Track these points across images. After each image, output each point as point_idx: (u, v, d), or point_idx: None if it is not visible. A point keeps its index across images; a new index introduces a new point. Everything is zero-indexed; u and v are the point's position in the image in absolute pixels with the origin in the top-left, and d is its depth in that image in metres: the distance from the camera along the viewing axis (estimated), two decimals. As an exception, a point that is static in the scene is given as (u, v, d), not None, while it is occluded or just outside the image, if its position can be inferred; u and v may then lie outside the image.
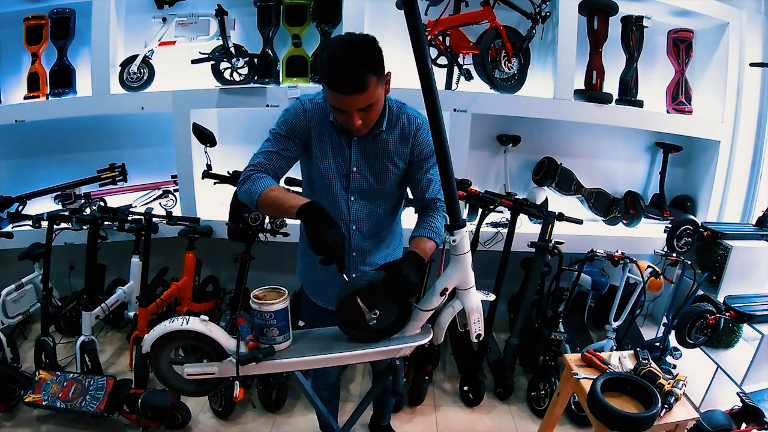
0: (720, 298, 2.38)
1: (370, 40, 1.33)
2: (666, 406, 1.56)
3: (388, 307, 1.37)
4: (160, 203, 3.05)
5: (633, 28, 2.72)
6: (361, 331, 1.38)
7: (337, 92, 1.30)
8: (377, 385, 1.62)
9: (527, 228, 2.78)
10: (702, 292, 2.49)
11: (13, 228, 2.77)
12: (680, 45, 2.84)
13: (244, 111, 2.93)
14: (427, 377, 2.51)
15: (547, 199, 2.82)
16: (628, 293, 2.41)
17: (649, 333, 2.92)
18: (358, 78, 1.28)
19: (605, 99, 2.69)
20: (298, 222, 1.47)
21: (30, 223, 2.61)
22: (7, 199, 2.77)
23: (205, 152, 2.50)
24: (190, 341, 1.35)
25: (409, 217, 1.68)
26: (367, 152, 1.51)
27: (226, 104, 2.71)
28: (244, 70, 2.72)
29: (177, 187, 2.97)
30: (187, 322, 1.31)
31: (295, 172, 2.74)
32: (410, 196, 1.65)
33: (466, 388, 2.52)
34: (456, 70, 2.64)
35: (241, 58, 2.70)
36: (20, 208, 2.81)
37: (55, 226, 2.50)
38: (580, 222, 2.55)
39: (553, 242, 2.42)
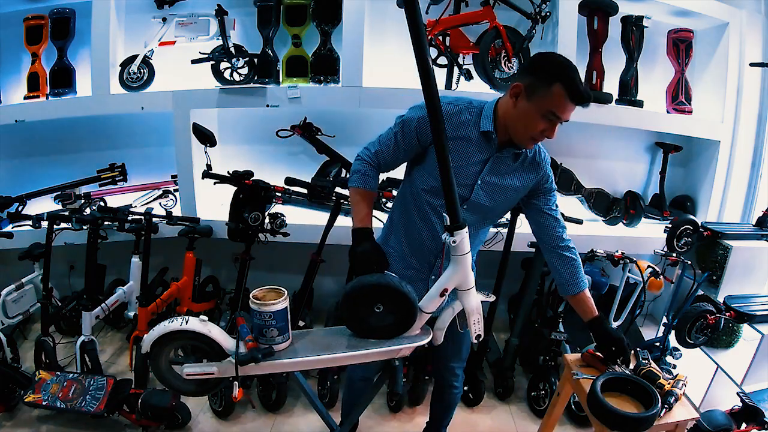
0: (720, 298, 2.38)
1: None
2: (666, 406, 1.55)
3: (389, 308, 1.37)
4: (160, 203, 3.04)
5: (633, 28, 2.72)
6: (365, 327, 1.38)
7: (574, 100, 1.34)
8: (377, 385, 1.62)
9: (527, 228, 2.75)
10: (702, 292, 2.48)
11: (13, 228, 2.77)
12: (680, 45, 2.84)
13: (244, 111, 2.93)
14: (427, 377, 2.51)
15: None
16: (628, 293, 2.40)
17: (649, 333, 2.91)
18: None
19: (605, 99, 2.68)
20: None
21: (30, 223, 2.61)
22: (7, 199, 2.77)
23: (205, 152, 2.50)
24: (190, 341, 1.36)
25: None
26: (499, 170, 1.50)
27: (226, 104, 2.71)
28: (244, 70, 2.72)
29: (177, 187, 2.97)
30: (187, 323, 1.31)
31: (294, 172, 2.76)
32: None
33: (466, 388, 2.52)
34: (456, 70, 2.64)
35: (241, 58, 2.70)
36: (20, 208, 2.81)
37: (55, 226, 2.49)
38: (580, 222, 2.55)
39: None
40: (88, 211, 2.90)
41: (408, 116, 1.49)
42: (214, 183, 2.53)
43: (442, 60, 2.66)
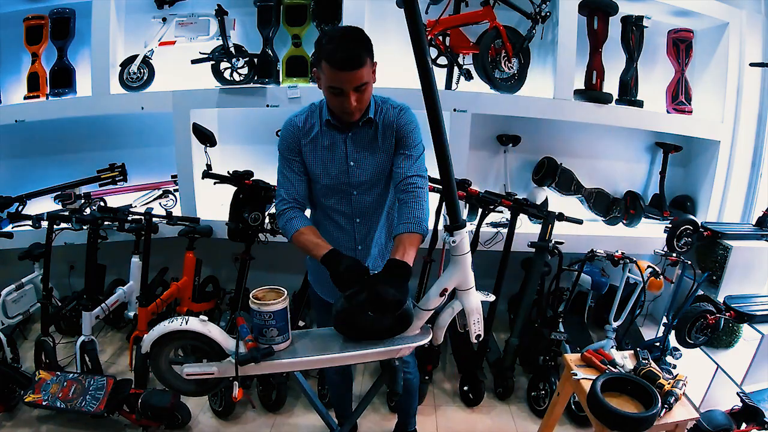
0: (720, 298, 2.38)
1: (360, 29, 1.40)
2: (666, 406, 1.56)
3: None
4: (160, 203, 3.04)
5: (633, 28, 2.72)
6: (364, 332, 1.38)
7: (338, 68, 1.34)
8: (377, 385, 1.62)
9: (527, 228, 2.78)
10: (702, 292, 2.48)
11: (13, 228, 2.77)
12: (680, 45, 2.84)
13: (244, 111, 2.93)
14: (427, 377, 2.51)
15: (547, 199, 2.82)
16: (628, 293, 2.40)
17: (649, 333, 2.91)
18: (356, 54, 1.34)
19: (605, 99, 2.69)
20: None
21: (30, 223, 2.60)
22: (7, 199, 2.77)
23: (205, 152, 2.50)
24: (190, 341, 1.35)
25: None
26: (361, 144, 1.54)
27: (226, 104, 2.71)
28: (244, 70, 2.72)
29: (177, 187, 2.97)
30: (187, 322, 1.31)
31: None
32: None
33: (466, 388, 2.52)
34: (456, 70, 2.64)
35: (241, 58, 2.70)
36: (20, 208, 2.81)
37: (55, 226, 2.49)
38: (580, 222, 2.55)
39: (553, 242, 2.42)
40: (88, 211, 2.90)
41: (279, 144, 1.62)
42: (214, 183, 2.53)
43: (442, 60, 2.66)
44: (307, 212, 1.66)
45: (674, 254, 2.41)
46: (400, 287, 1.29)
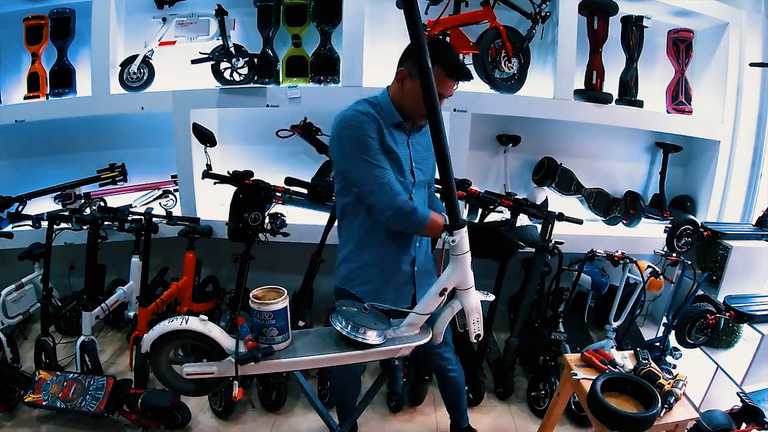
0: (720, 298, 2.37)
1: None
2: (666, 406, 1.56)
3: None
4: (160, 203, 3.04)
5: (633, 28, 2.72)
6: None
7: (452, 77, 1.51)
8: (377, 385, 1.62)
9: (527, 228, 2.78)
10: (702, 292, 2.48)
11: (13, 228, 2.77)
12: (680, 45, 2.84)
13: (244, 111, 2.93)
14: (427, 377, 2.51)
15: (547, 199, 2.82)
16: (628, 293, 2.40)
17: (649, 333, 2.91)
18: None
19: (605, 99, 2.68)
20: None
21: (30, 223, 2.60)
22: (7, 199, 2.77)
23: (205, 152, 2.50)
24: (190, 341, 1.36)
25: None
26: (419, 147, 1.66)
27: (226, 104, 2.71)
28: (244, 70, 2.72)
29: (177, 187, 2.97)
30: (186, 322, 1.31)
31: (294, 172, 2.77)
32: None
33: (466, 388, 2.51)
34: (456, 70, 2.63)
35: (241, 58, 2.70)
36: (20, 208, 2.81)
37: (55, 226, 2.49)
38: (580, 222, 2.55)
39: (553, 242, 2.42)
40: (88, 211, 2.90)
41: (356, 137, 1.50)
42: (214, 183, 2.53)
43: (442, 60, 2.66)
44: None
45: (674, 254, 2.41)
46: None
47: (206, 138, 2.48)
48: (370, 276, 1.66)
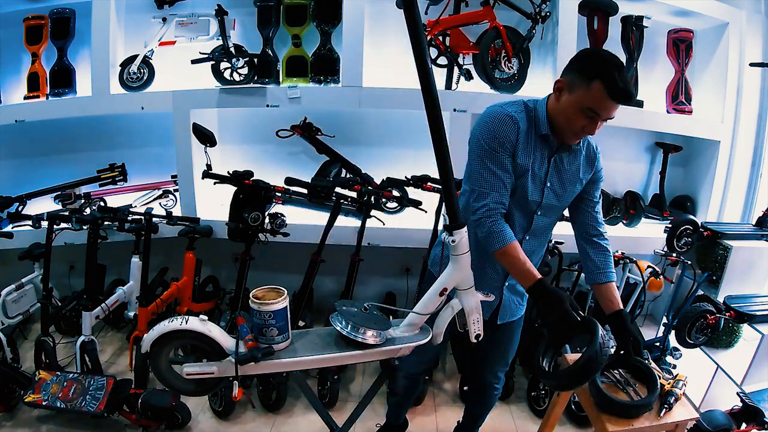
0: (720, 298, 2.38)
1: None
2: (666, 406, 1.55)
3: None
4: (160, 203, 3.04)
5: (633, 28, 2.72)
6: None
7: (613, 98, 1.32)
8: (377, 385, 1.62)
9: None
10: (702, 292, 2.48)
11: (13, 228, 2.77)
12: (680, 45, 2.84)
13: (244, 111, 2.94)
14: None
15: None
16: (628, 293, 2.41)
17: (649, 333, 2.91)
18: (631, 93, 1.34)
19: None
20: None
21: (30, 223, 2.60)
22: (7, 199, 2.77)
23: (205, 152, 2.50)
24: (190, 341, 1.35)
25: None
26: (561, 169, 1.52)
27: (226, 104, 2.71)
28: (244, 70, 2.72)
29: (177, 187, 2.97)
30: (186, 322, 1.31)
31: (294, 172, 2.77)
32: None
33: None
34: (456, 70, 2.63)
35: (241, 58, 2.70)
36: (20, 208, 2.81)
37: (55, 226, 2.49)
38: (580, 222, 2.54)
39: (553, 242, 2.42)
40: (88, 211, 2.90)
41: (485, 136, 1.43)
42: (214, 183, 2.53)
43: (443, 60, 2.66)
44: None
45: (674, 254, 2.41)
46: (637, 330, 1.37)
47: (206, 138, 2.48)
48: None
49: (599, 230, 1.65)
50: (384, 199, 2.71)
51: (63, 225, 2.52)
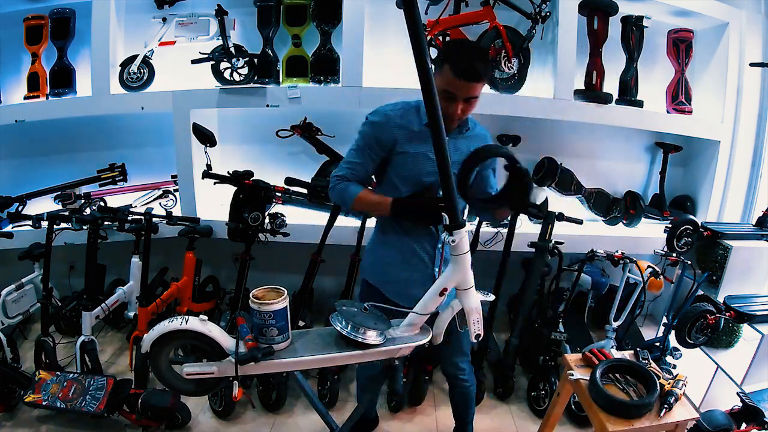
0: (720, 298, 2.38)
1: (487, 49, 1.50)
2: (666, 406, 1.56)
3: None
4: (160, 203, 3.04)
5: (633, 28, 2.72)
6: None
7: (459, 77, 1.44)
8: (377, 385, 1.62)
9: (527, 228, 2.78)
10: (702, 292, 2.48)
11: (13, 228, 2.77)
12: (680, 45, 2.84)
13: (244, 111, 2.93)
14: (427, 377, 2.51)
15: (547, 199, 2.82)
16: (628, 293, 2.40)
17: (649, 333, 2.91)
18: (481, 70, 1.46)
19: (605, 99, 2.68)
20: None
21: (30, 223, 2.61)
22: (7, 199, 2.77)
23: (205, 152, 2.50)
24: (190, 341, 1.36)
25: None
26: (460, 150, 1.58)
27: (226, 104, 2.71)
28: (244, 70, 2.72)
29: (177, 187, 2.97)
30: (186, 322, 1.31)
31: (294, 172, 2.77)
32: None
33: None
34: (456, 70, 2.63)
35: (241, 58, 2.70)
36: (20, 208, 2.81)
37: (55, 226, 2.49)
38: (580, 222, 2.55)
39: (553, 242, 2.42)
40: (88, 211, 2.90)
41: (365, 130, 1.61)
42: (214, 183, 2.53)
43: (442, 60, 2.66)
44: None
45: (674, 254, 2.41)
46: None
47: (206, 138, 2.48)
48: (389, 268, 1.68)
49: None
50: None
51: (63, 225, 2.52)
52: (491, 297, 1.48)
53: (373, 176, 1.71)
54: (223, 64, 2.72)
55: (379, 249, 1.73)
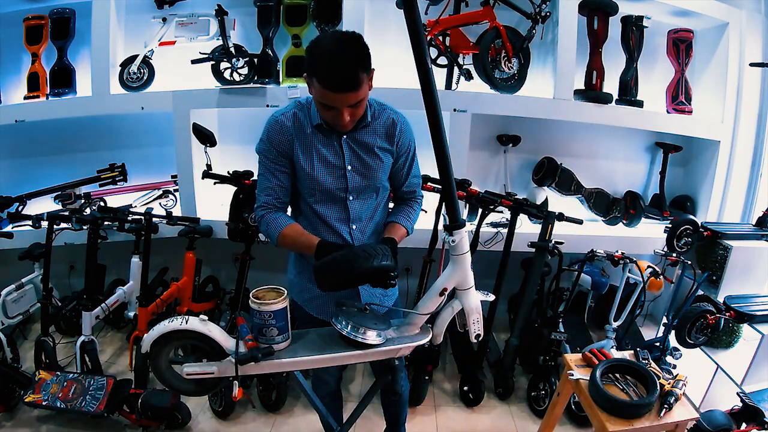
0: (720, 298, 2.38)
1: (358, 36, 1.31)
2: (666, 406, 1.56)
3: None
4: (160, 203, 3.05)
5: (633, 28, 2.72)
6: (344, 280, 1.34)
7: (331, 90, 1.28)
8: (377, 385, 1.62)
9: (527, 228, 2.78)
10: (702, 292, 2.49)
11: (13, 228, 2.77)
12: (680, 45, 2.84)
13: (244, 111, 2.93)
14: (427, 377, 2.51)
15: (547, 199, 2.82)
16: (628, 293, 2.40)
17: (649, 333, 2.91)
18: (352, 76, 1.28)
19: (605, 99, 2.69)
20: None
21: (30, 223, 2.61)
22: (7, 199, 2.77)
23: (205, 152, 2.50)
24: (190, 341, 1.35)
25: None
26: (358, 148, 1.50)
27: (226, 104, 2.71)
28: (244, 70, 2.72)
29: (177, 187, 2.97)
30: (186, 322, 1.31)
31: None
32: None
33: (466, 388, 2.52)
34: (456, 70, 2.64)
35: (241, 58, 2.70)
36: (20, 208, 2.81)
37: (55, 226, 2.50)
38: (580, 222, 2.55)
39: (553, 242, 2.42)
40: (88, 211, 2.90)
41: (260, 146, 1.50)
42: (214, 183, 2.53)
43: (443, 60, 2.66)
44: (289, 211, 1.62)
45: (674, 254, 2.41)
46: (393, 257, 1.35)
47: (206, 138, 2.48)
48: (307, 284, 1.63)
49: (413, 196, 1.68)
50: None
51: (63, 225, 2.52)
52: (491, 297, 1.48)
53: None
54: (223, 64, 2.72)
55: (299, 264, 1.68)
